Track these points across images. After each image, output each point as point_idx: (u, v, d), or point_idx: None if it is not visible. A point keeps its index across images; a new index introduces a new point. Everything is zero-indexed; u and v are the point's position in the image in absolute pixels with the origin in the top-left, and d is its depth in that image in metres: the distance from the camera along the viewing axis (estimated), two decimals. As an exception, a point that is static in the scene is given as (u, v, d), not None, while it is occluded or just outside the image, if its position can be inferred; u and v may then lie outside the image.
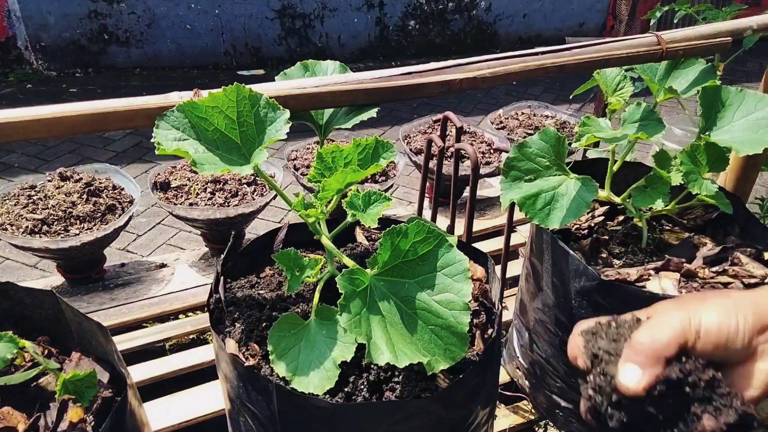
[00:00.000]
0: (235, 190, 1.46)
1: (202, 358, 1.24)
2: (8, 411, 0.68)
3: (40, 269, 2.21)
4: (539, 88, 4.19)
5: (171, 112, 0.65)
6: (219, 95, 0.64)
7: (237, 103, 0.65)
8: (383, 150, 0.67)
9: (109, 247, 1.41)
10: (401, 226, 0.62)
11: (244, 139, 0.66)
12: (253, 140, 0.66)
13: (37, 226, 1.28)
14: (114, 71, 4.14)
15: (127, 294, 1.39)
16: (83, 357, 0.77)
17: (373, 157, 0.67)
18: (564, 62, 0.94)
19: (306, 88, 0.80)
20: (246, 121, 0.65)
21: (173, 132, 0.64)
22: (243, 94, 0.65)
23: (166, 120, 0.65)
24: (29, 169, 2.89)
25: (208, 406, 1.13)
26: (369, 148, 0.67)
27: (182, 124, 0.65)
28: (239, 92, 0.65)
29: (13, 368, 0.74)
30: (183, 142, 0.64)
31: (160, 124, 0.64)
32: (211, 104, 0.65)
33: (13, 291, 0.80)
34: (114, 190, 1.44)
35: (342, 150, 0.67)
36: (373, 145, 0.67)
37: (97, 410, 0.68)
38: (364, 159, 0.67)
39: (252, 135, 0.66)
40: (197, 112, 0.65)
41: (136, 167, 2.90)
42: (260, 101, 0.65)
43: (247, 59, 4.45)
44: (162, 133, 0.64)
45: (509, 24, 5.13)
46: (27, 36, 3.86)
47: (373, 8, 4.64)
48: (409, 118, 2.97)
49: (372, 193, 0.67)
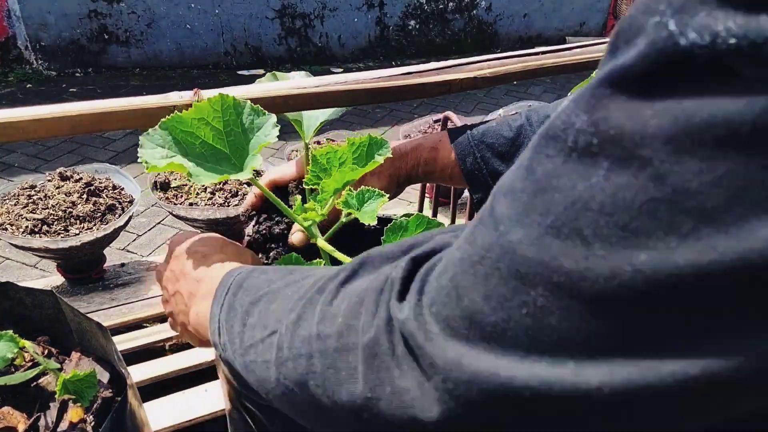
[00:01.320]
0: (235, 190, 1.46)
1: (202, 358, 1.24)
2: (8, 411, 0.68)
3: (40, 269, 2.21)
4: (539, 88, 4.19)
5: (154, 130, 0.62)
6: (204, 106, 0.63)
7: (222, 112, 0.63)
8: (377, 147, 0.67)
9: (109, 247, 1.41)
10: (401, 220, 0.62)
11: (233, 148, 0.64)
12: (243, 148, 0.64)
13: (37, 226, 1.28)
14: (114, 71, 4.14)
15: (127, 294, 1.39)
16: (83, 357, 0.76)
17: (368, 155, 0.67)
18: (564, 62, 0.94)
19: (306, 88, 0.80)
20: (233, 130, 0.64)
21: (159, 150, 0.62)
22: (228, 102, 0.63)
23: (149, 139, 0.62)
24: (29, 169, 2.89)
25: (208, 406, 1.13)
26: (363, 146, 0.66)
27: (167, 141, 0.63)
28: (224, 101, 0.63)
29: (13, 368, 0.74)
30: (170, 159, 0.62)
31: (144, 144, 0.62)
32: (196, 116, 0.63)
33: (13, 291, 0.79)
34: (114, 190, 1.44)
35: (336, 150, 0.67)
36: (367, 143, 0.66)
37: (97, 410, 0.68)
38: (358, 158, 0.67)
39: (241, 143, 0.64)
40: (182, 126, 0.63)
41: (136, 167, 2.90)
42: (245, 109, 0.64)
43: (247, 59, 4.45)
44: (148, 153, 0.61)
45: (509, 24, 5.13)
46: (27, 36, 3.86)
47: (374, 8, 4.64)
48: (409, 118, 2.97)
49: (366, 190, 0.67)
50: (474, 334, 0.28)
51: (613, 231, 0.23)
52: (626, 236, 0.23)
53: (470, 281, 0.28)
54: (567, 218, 0.24)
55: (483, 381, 0.27)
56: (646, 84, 0.22)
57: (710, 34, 0.20)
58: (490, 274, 0.27)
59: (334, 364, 0.36)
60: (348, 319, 0.37)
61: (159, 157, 0.62)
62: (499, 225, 0.27)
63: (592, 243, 0.24)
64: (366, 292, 0.37)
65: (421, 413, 0.30)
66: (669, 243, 0.22)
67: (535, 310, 0.25)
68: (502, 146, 0.74)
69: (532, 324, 0.26)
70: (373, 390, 0.33)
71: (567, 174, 0.25)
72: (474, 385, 0.27)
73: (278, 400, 0.43)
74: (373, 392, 0.33)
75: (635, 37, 0.23)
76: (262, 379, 0.43)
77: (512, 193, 0.27)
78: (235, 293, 0.50)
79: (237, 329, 0.47)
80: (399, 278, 0.35)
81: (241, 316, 0.47)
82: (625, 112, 0.23)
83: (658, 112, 0.22)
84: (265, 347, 0.43)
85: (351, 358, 0.35)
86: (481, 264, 0.28)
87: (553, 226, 0.25)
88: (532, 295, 0.25)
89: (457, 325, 0.29)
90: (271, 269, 0.53)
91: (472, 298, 0.28)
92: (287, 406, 0.43)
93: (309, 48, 4.59)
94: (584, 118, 0.24)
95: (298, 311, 0.41)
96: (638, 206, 0.23)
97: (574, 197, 0.24)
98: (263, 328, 0.44)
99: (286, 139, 1.74)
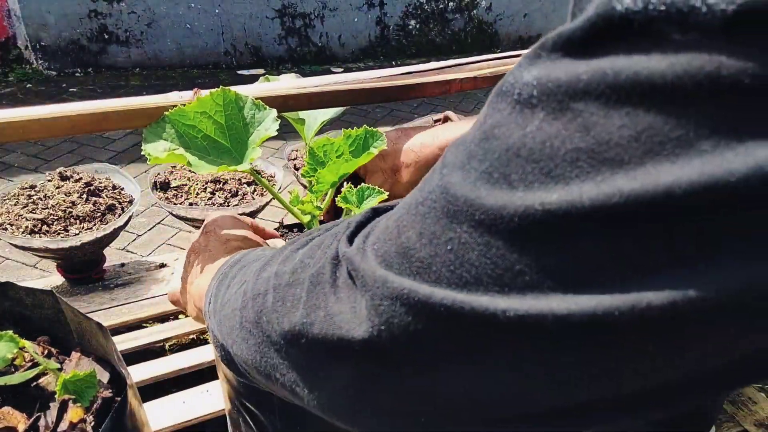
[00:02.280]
0: (235, 190, 1.46)
1: (202, 358, 1.24)
2: (8, 411, 0.68)
3: (40, 269, 2.21)
4: (539, 88, 4.19)
5: (157, 123, 0.65)
6: (206, 99, 0.64)
7: (224, 106, 0.64)
8: (373, 139, 0.67)
9: (109, 247, 1.41)
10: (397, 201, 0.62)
11: (234, 142, 0.66)
12: (244, 142, 0.66)
13: (37, 226, 1.28)
14: (114, 71, 4.14)
15: (127, 294, 1.39)
16: (83, 357, 0.76)
17: (364, 147, 0.67)
18: (564, 62, 0.94)
19: (306, 88, 0.80)
20: (235, 124, 0.65)
21: (161, 143, 0.64)
22: (230, 97, 0.64)
23: (152, 132, 0.64)
24: (29, 169, 2.89)
25: (208, 406, 1.13)
26: (359, 138, 0.67)
27: (169, 135, 0.64)
28: (226, 96, 0.64)
29: (13, 368, 0.74)
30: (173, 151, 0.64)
31: (147, 137, 0.64)
32: (198, 109, 0.64)
33: (13, 291, 0.79)
34: (114, 190, 1.44)
35: (333, 143, 0.67)
36: (363, 135, 0.67)
37: (97, 410, 0.68)
38: (355, 150, 0.67)
39: (242, 137, 0.66)
40: (184, 119, 0.64)
41: (136, 167, 2.90)
42: (247, 103, 0.65)
43: (248, 59, 4.45)
44: (150, 147, 0.64)
45: (509, 24, 5.13)
46: (27, 35, 3.86)
47: (374, 8, 4.64)
48: (409, 117, 2.97)
49: (365, 187, 0.67)
50: (404, 269, 0.30)
51: (536, 176, 0.25)
52: (546, 181, 0.24)
53: (410, 220, 0.30)
54: (499, 164, 0.26)
55: (404, 297, 0.29)
56: (586, 45, 0.24)
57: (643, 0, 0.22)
58: (427, 213, 0.29)
59: (283, 296, 0.38)
60: (304, 257, 0.39)
61: (162, 149, 0.63)
62: (443, 169, 0.29)
63: (516, 187, 0.25)
64: (326, 236, 0.40)
65: (347, 333, 0.32)
66: (582, 186, 0.23)
67: (459, 246, 0.27)
68: None
69: (455, 259, 0.27)
70: (308, 315, 0.35)
71: (507, 124, 0.26)
72: (396, 301, 0.29)
73: (238, 349, 0.45)
74: (308, 317, 0.35)
75: (586, 3, 0.25)
76: (230, 328, 0.45)
77: (463, 143, 0.29)
78: (231, 266, 0.53)
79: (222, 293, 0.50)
80: (355, 222, 0.37)
81: (228, 282, 0.50)
82: (566, 68, 0.25)
83: (591, 68, 0.23)
84: (235, 297, 0.45)
85: (298, 290, 0.37)
86: (422, 205, 0.30)
87: (486, 171, 0.27)
88: (458, 233, 0.27)
89: (390, 259, 0.31)
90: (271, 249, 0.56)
91: (409, 236, 0.30)
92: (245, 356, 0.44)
93: (309, 48, 4.59)
94: (532, 73, 0.26)
95: (267, 260, 0.44)
96: (562, 154, 0.24)
97: (508, 144, 0.26)
98: (238, 284, 0.47)
99: (286, 139, 1.74)
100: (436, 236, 0.28)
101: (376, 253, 0.32)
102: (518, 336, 0.26)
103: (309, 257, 0.39)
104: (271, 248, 0.57)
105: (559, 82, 0.24)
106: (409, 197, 0.32)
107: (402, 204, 0.33)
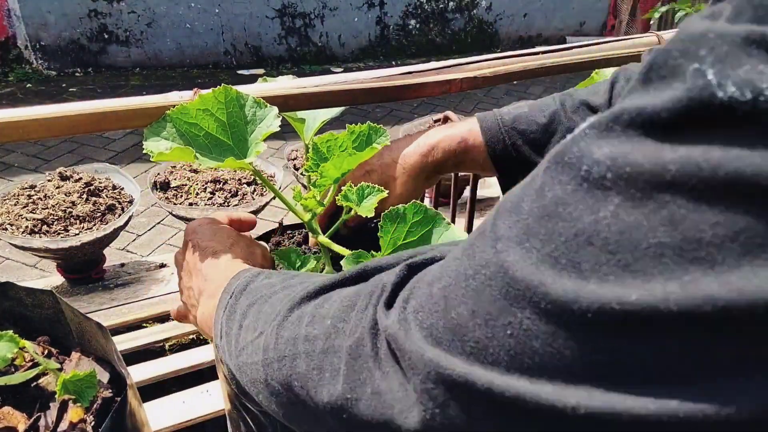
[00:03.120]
0: (234, 190, 1.46)
1: (202, 358, 1.24)
2: (8, 411, 0.68)
3: (40, 269, 2.21)
4: (539, 88, 4.19)
5: (158, 122, 0.65)
6: (208, 97, 0.64)
7: (226, 104, 0.65)
8: (376, 135, 0.68)
9: (109, 247, 1.41)
10: (398, 207, 0.62)
11: (236, 139, 0.66)
12: (246, 140, 0.66)
13: (37, 226, 1.28)
14: (114, 71, 4.14)
15: (127, 294, 1.39)
16: (83, 357, 0.76)
17: (367, 142, 0.68)
18: (564, 62, 0.94)
19: (306, 87, 0.80)
20: (236, 122, 0.65)
21: (163, 143, 0.64)
22: (231, 95, 0.65)
23: (153, 131, 0.64)
24: (29, 169, 2.89)
25: (208, 406, 1.13)
26: (363, 134, 0.67)
27: (170, 134, 0.64)
28: (227, 94, 0.65)
29: (13, 368, 0.74)
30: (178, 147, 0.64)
31: (148, 135, 0.64)
32: (201, 107, 0.64)
33: (13, 291, 0.79)
34: (114, 190, 1.44)
35: (336, 138, 0.68)
36: (367, 132, 0.67)
37: (97, 410, 0.68)
38: (358, 146, 0.67)
39: (244, 135, 0.66)
40: (186, 117, 0.64)
41: (136, 167, 2.90)
42: (248, 101, 0.66)
43: (248, 58, 4.45)
44: (152, 145, 0.64)
45: (509, 23, 5.13)
46: (27, 35, 3.86)
47: (374, 7, 4.64)
48: (409, 117, 2.97)
49: (366, 186, 0.67)
50: (455, 347, 0.28)
51: (612, 269, 0.23)
52: (623, 275, 0.22)
53: (460, 294, 0.28)
54: (567, 249, 0.24)
55: (462, 384, 0.27)
56: (674, 128, 0.22)
57: (753, 90, 0.20)
58: (481, 290, 0.27)
59: (319, 365, 0.37)
60: (336, 322, 0.37)
61: (163, 148, 0.64)
62: (498, 242, 0.27)
63: (588, 278, 0.23)
64: (357, 296, 0.37)
65: (399, 414, 0.31)
66: (666, 287, 0.21)
67: (520, 332, 0.25)
68: (534, 133, 0.74)
69: (515, 345, 0.25)
70: (353, 390, 0.34)
71: (575, 204, 0.24)
72: (454, 388, 0.27)
73: (267, 401, 0.44)
74: (353, 392, 0.34)
75: (671, 78, 0.22)
76: (253, 380, 0.44)
77: (517, 212, 0.27)
78: (237, 297, 0.51)
79: (234, 332, 0.48)
80: (391, 283, 0.35)
81: (238, 319, 0.48)
82: (647, 152, 0.22)
83: (680, 157, 0.21)
84: (254, 349, 0.44)
85: (335, 359, 0.36)
86: (474, 279, 0.28)
87: (551, 254, 0.25)
88: (519, 317, 0.25)
89: (439, 335, 0.29)
90: (276, 273, 0.53)
91: (460, 312, 0.28)
92: (276, 408, 0.43)
93: (309, 47, 4.59)
94: (604, 150, 0.24)
95: (284, 313, 0.42)
96: (644, 248, 0.22)
97: (578, 229, 0.24)
98: (253, 330, 0.45)
99: (286, 139, 1.74)
100: (493, 318, 0.26)
101: (421, 325, 0.30)
102: (588, 429, 0.24)
103: (342, 321, 0.37)
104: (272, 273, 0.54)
105: (640, 168, 0.22)
106: (454, 262, 0.30)
107: (446, 269, 0.31)
